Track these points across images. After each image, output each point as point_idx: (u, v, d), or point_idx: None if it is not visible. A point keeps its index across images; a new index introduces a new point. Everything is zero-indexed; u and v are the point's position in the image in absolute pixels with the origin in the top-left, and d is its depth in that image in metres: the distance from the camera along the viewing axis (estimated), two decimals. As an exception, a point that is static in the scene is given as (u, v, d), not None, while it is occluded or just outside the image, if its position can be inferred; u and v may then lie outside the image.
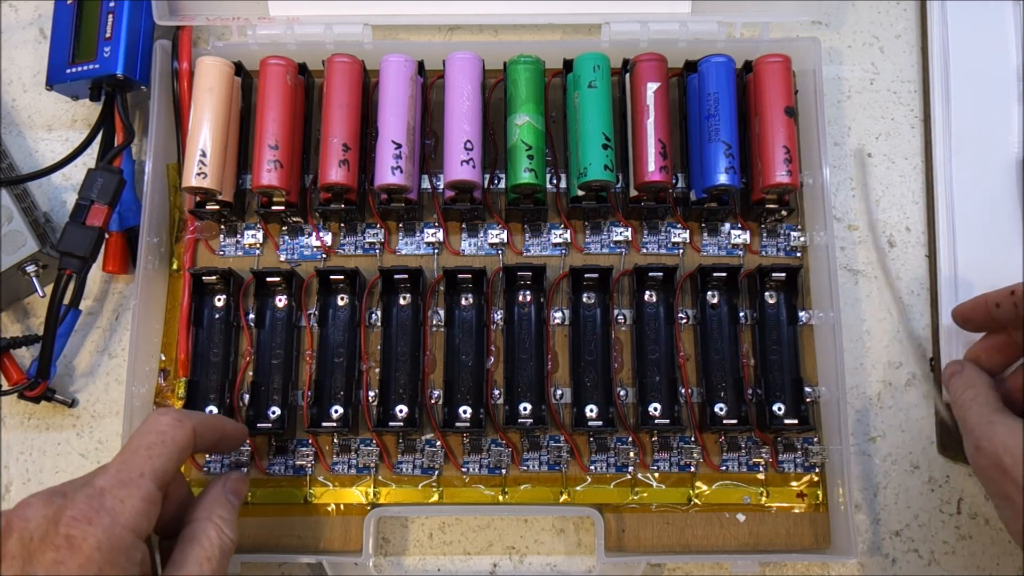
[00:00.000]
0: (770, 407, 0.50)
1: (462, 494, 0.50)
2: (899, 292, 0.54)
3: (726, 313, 0.51)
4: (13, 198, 0.51)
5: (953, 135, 0.55)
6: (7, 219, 0.50)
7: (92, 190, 0.49)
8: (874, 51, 0.58)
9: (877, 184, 0.56)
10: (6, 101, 0.58)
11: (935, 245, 0.54)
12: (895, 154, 0.57)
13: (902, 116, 0.57)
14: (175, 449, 0.38)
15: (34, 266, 0.51)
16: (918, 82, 0.58)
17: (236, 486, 0.42)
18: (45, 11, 0.59)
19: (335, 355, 0.51)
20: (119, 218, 0.53)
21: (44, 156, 0.57)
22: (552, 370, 0.51)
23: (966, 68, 0.56)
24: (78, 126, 0.58)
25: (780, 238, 0.53)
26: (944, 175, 0.54)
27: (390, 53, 0.51)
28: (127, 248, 0.54)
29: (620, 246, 0.52)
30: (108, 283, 0.55)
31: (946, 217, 0.54)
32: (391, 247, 0.53)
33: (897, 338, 0.53)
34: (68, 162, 0.52)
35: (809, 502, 0.49)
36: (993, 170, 0.54)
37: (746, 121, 0.52)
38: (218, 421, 0.43)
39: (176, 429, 0.39)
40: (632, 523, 0.49)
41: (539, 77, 0.51)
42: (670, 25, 0.53)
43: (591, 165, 0.48)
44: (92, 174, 0.50)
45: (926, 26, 0.57)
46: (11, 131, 0.58)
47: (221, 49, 0.53)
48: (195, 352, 0.51)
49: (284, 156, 0.49)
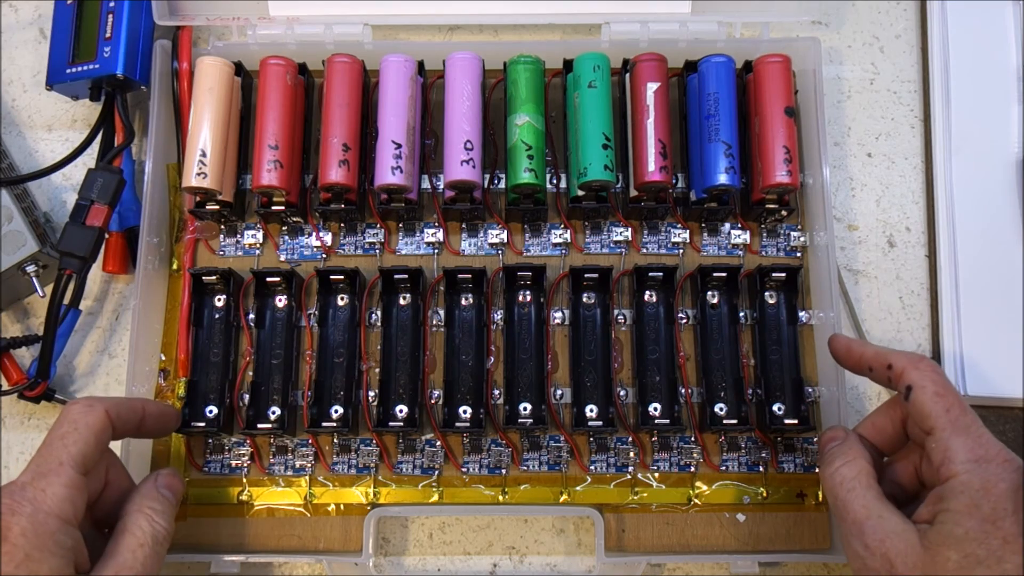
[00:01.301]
0: (770, 407, 0.50)
1: (462, 494, 0.50)
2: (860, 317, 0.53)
3: (726, 313, 0.51)
4: (13, 198, 0.51)
5: (953, 135, 0.55)
6: (7, 219, 0.50)
7: (92, 190, 0.49)
8: (874, 51, 0.58)
9: (877, 184, 0.56)
10: (6, 101, 0.58)
11: (935, 245, 0.54)
12: (895, 154, 0.57)
13: (902, 116, 0.57)
14: (89, 433, 0.39)
15: (34, 266, 0.51)
16: (918, 82, 0.58)
17: (168, 480, 0.43)
18: (45, 11, 0.60)
19: (335, 355, 0.51)
20: (119, 218, 0.53)
21: (44, 156, 0.57)
22: (552, 370, 0.51)
23: (966, 68, 0.56)
24: (78, 126, 0.58)
25: (780, 238, 0.53)
26: (944, 175, 0.54)
27: (390, 53, 0.51)
28: (127, 248, 0.54)
29: (620, 246, 0.52)
30: (108, 283, 0.55)
31: (946, 217, 0.54)
32: (391, 247, 0.53)
33: (897, 338, 0.53)
34: (68, 162, 0.52)
35: (809, 502, 0.49)
36: (993, 170, 0.54)
37: (746, 121, 0.52)
38: (136, 403, 0.43)
39: (87, 415, 0.39)
40: (632, 523, 0.49)
41: (539, 77, 0.51)
42: (670, 25, 0.53)
43: (591, 165, 0.48)
44: (92, 174, 0.50)
45: (926, 26, 0.57)
46: (11, 131, 0.58)
47: (221, 49, 0.53)
48: (195, 352, 0.51)
49: (284, 156, 0.49)
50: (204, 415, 0.50)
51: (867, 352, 0.43)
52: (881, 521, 0.37)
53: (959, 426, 0.38)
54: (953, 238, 0.53)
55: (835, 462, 0.41)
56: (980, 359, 0.51)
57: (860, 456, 0.40)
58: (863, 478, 0.39)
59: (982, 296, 0.52)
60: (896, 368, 0.41)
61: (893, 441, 0.42)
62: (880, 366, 0.42)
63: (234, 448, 0.50)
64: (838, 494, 0.40)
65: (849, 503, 0.39)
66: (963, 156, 0.54)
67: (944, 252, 0.53)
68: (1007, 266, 0.53)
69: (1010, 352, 0.51)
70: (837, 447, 0.42)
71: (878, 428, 0.43)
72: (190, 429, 0.49)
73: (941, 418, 0.38)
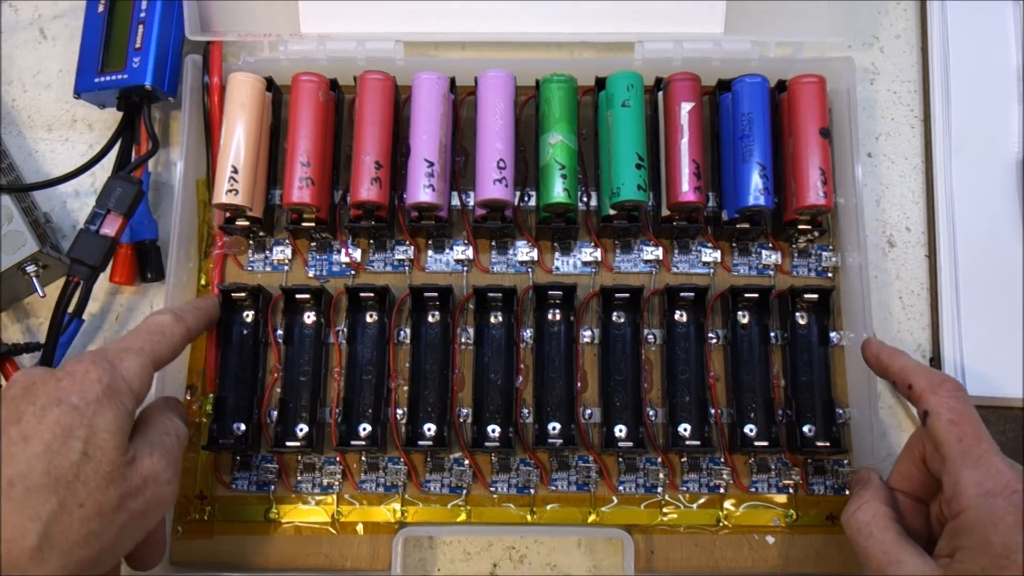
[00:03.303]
0: (800, 429, 0.49)
1: (490, 513, 0.49)
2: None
3: (756, 333, 0.51)
4: (13, 198, 0.51)
5: (953, 135, 0.55)
6: (7, 219, 0.50)
7: (110, 199, 0.49)
8: (874, 51, 0.58)
9: (877, 184, 0.56)
10: (6, 101, 0.58)
11: (935, 245, 0.54)
12: (895, 154, 0.56)
13: (902, 116, 0.57)
14: (172, 342, 0.43)
15: (34, 266, 0.50)
16: (918, 82, 0.58)
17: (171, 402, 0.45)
18: (45, 11, 0.60)
19: (364, 372, 0.50)
20: (130, 230, 0.53)
21: (44, 156, 0.57)
22: (581, 389, 0.50)
23: (966, 68, 0.56)
24: (78, 126, 0.58)
25: (811, 258, 0.52)
26: (944, 175, 0.54)
27: (422, 70, 0.50)
28: (136, 260, 0.54)
29: (650, 265, 0.52)
30: (113, 295, 0.55)
31: (946, 217, 0.53)
32: (420, 264, 0.53)
33: (897, 338, 0.53)
34: (83, 171, 0.52)
35: (839, 525, 0.49)
36: (993, 170, 0.54)
37: (779, 141, 0.51)
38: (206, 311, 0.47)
39: (175, 326, 0.43)
40: (661, 545, 0.49)
41: (572, 96, 0.50)
42: (703, 44, 0.53)
43: (624, 185, 0.48)
44: (111, 183, 0.49)
45: (926, 26, 0.57)
46: (11, 131, 0.58)
47: (252, 64, 0.53)
48: (223, 368, 0.51)
49: (315, 173, 0.49)
50: (232, 432, 0.49)
51: (892, 366, 0.43)
52: (901, 566, 0.38)
53: (970, 458, 0.38)
54: (953, 238, 0.53)
55: (850, 506, 0.41)
56: (980, 359, 0.51)
57: (874, 498, 0.41)
58: (879, 520, 0.40)
59: (982, 296, 0.52)
60: (916, 390, 0.41)
61: (925, 486, 0.42)
62: (902, 384, 0.42)
63: (261, 465, 0.50)
64: (857, 540, 0.40)
65: (868, 550, 0.39)
66: (963, 156, 0.54)
67: (944, 252, 0.53)
68: (1007, 266, 0.52)
69: (1010, 352, 0.51)
70: (856, 491, 0.42)
71: (905, 476, 0.43)
72: (218, 446, 0.49)
73: (953, 448, 0.38)
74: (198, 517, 0.49)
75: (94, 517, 0.35)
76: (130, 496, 0.37)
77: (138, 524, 0.38)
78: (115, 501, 0.36)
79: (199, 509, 0.49)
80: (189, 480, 0.50)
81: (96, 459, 0.36)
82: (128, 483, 0.37)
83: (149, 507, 0.38)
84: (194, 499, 0.50)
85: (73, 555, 0.35)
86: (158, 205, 0.55)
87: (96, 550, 0.36)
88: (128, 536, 0.38)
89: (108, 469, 0.36)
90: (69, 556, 0.35)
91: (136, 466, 0.38)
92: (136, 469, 0.38)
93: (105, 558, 0.37)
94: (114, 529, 0.36)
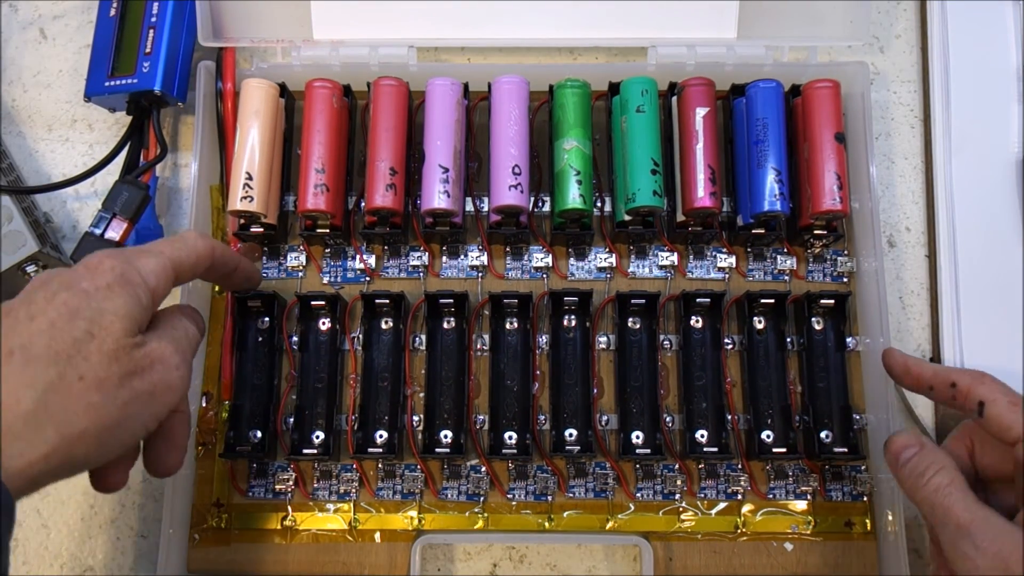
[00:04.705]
0: (818, 434, 0.49)
1: (507, 520, 0.49)
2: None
3: (773, 339, 0.51)
4: (13, 198, 0.51)
5: (953, 135, 0.55)
6: (7, 219, 0.50)
7: (116, 203, 0.49)
8: (874, 51, 0.58)
9: (877, 184, 0.56)
10: (6, 101, 0.58)
11: (935, 245, 0.54)
12: (895, 154, 0.56)
13: (902, 116, 0.57)
14: (195, 252, 0.41)
15: (34, 266, 0.50)
16: (918, 82, 0.57)
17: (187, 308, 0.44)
18: (45, 11, 0.60)
19: (379, 379, 0.50)
20: (136, 235, 0.52)
21: (44, 156, 0.57)
22: (598, 396, 0.50)
23: (966, 68, 0.56)
24: (78, 126, 0.58)
25: (827, 263, 0.52)
26: (944, 175, 0.54)
27: (435, 76, 0.50)
28: None
29: (665, 271, 0.52)
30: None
31: (946, 217, 0.53)
32: (434, 270, 0.52)
33: (897, 338, 0.53)
34: (89, 175, 0.52)
35: (857, 531, 0.49)
36: (993, 170, 0.54)
37: (793, 146, 0.51)
38: (235, 257, 0.45)
39: (199, 240, 0.42)
40: (679, 551, 0.49)
41: (586, 101, 0.50)
42: (717, 49, 0.53)
43: (640, 191, 0.48)
44: (118, 187, 0.49)
45: (926, 26, 0.57)
46: (11, 131, 0.57)
47: (265, 70, 0.53)
48: (238, 375, 0.50)
49: (330, 179, 0.49)
50: (248, 439, 0.49)
51: (925, 372, 0.43)
52: (988, 523, 0.38)
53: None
54: (953, 238, 0.53)
55: (926, 472, 0.40)
56: (980, 359, 0.51)
57: (949, 464, 0.40)
58: (959, 483, 0.39)
59: (982, 296, 0.52)
60: (961, 386, 0.41)
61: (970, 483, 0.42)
62: (942, 385, 0.42)
63: (278, 472, 0.50)
64: (936, 500, 0.39)
65: (951, 507, 0.39)
66: (963, 156, 0.54)
67: (944, 252, 0.53)
68: (1007, 266, 0.52)
69: (1010, 352, 0.51)
70: (918, 455, 0.41)
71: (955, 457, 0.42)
72: (234, 453, 0.48)
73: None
74: (215, 525, 0.49)
75: (93, 390, 0.35)
76: (135, 375, 0.36)
77: (145, 405, 0.37)
78: (117, 378, 0.36)
79: (216, 517, 0.49)
80: (206, 488, 0.50)
81: (100, 338, 0.35)
82: (133, 362, 0.36)
83: (156, 388, 0.37)
84: (211, 507, 0.49)
85: (72, 425, 0.34)
86: (165, 210, 0.55)
87: (96, 424, 0.35)
88: (134, 417, 0.37)
89: (112, 348, 0.35)
90: (67, 426, 0.34)
91: (143, 348, 0.37)
92: (142, 351, 0.37)
93: (108, 437, 0.36)
94: (116, 405, 0.35)
